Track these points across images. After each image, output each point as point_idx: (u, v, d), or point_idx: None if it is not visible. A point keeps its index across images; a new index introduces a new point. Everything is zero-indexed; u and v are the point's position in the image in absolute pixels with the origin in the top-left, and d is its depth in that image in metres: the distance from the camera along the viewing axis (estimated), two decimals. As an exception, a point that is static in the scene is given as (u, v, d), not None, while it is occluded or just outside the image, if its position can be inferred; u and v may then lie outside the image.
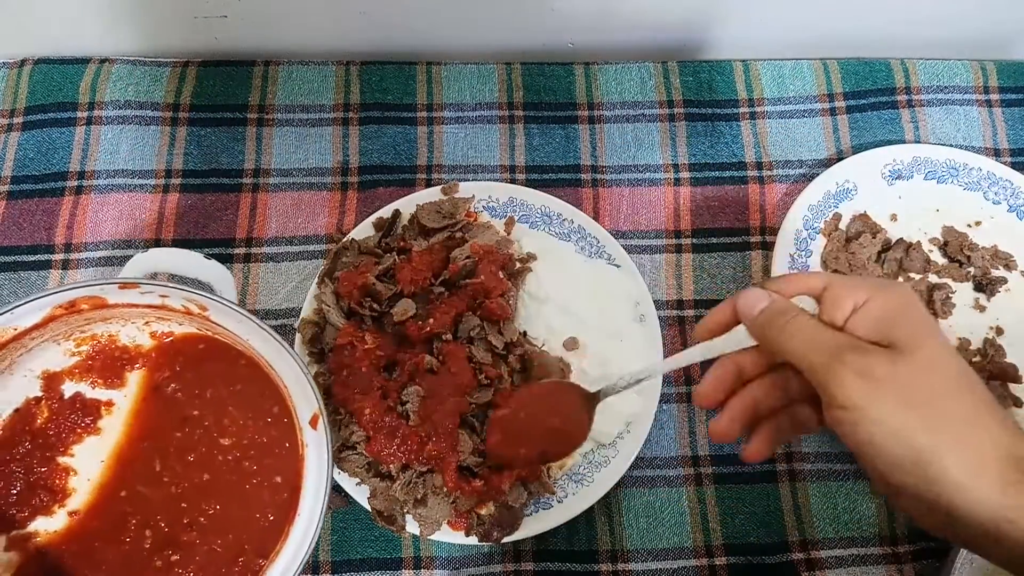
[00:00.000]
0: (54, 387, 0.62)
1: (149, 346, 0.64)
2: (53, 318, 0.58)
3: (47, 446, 0.61)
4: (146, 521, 0.59)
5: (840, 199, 0.77)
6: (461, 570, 0.67)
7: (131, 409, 0.62)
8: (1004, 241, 0.77)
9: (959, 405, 0.39)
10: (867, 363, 0.39)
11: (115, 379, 0.63)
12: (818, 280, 0.45)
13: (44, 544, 0.59)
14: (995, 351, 0.73)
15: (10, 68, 0.81)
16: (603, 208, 0.78)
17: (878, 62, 0.85)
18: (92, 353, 0.63)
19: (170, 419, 0.62)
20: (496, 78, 0.82)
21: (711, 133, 0.81)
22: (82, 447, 0.61)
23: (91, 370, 0.63)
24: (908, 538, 0.68)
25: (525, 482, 0.64)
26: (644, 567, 0.67)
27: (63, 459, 0.61)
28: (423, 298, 0.68)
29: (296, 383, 0.58)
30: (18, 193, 0.76)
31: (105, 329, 0.63)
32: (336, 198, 0.77)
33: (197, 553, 0.59)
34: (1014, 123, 0.83)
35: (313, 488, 0.58)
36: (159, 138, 0.78)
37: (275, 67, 0.81)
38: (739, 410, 0.47)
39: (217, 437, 0.61)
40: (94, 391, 0.63)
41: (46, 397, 0.62)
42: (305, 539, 0.56)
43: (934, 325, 0.42)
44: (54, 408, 0.62)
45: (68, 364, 0.63)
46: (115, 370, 0.63)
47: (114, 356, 0.63)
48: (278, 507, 0.59)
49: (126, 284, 0.57)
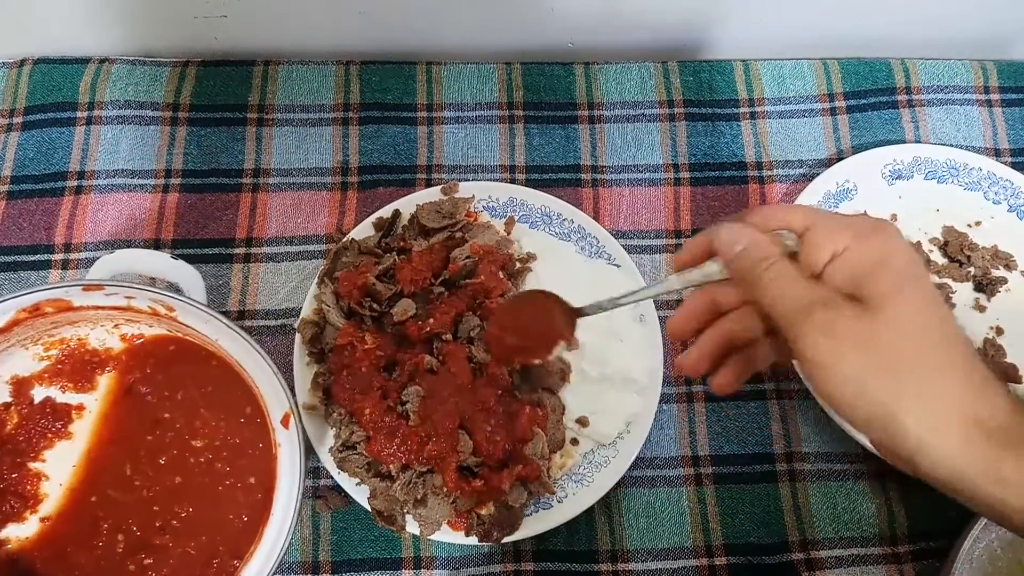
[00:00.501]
0: (23, 392, 0.62)
1: (119, 349, 0.63)
2: (17, 322, 0.58)
3: (17, 452, 0.61)
4: (118, 525, 0.59)
5: (840, 199, 0.77)
6: (461, 570, 0.67)
7: (102, 412, 0.62)
8: (1004, 241, 0.77)
9: (923, 364, 0.38)
10: (833, 320, 0.39)
11: (85, 383, 0.62)
12: (800, 218, 0.43)
13: (16, 551, 0.59)
14: (995, 351, 0.73)
15: (10, 68, 0.81)
16: (603, 208, 0.78)
17: (878, 62, 0.85)
18: (61, 357, 0.63)
19: (141, 422, 0.61)
20: (496, 78, 0.82)
21: (711, 133, 0.81)
22: (53, 452, 0.61)
23: (61, 374, 0.62)
24: (908, 538, 0.68)
25: (525, 482, 0.64)
26: (644, 567, 0.67)
27: (34, 464, 0.61)
28: (423, 298, 0.68)
29: (267, 382, 0.57)
30: (18, 193, 0.76)
31: (74, 333, 0.63)
32: (336, 198, 0.77)
33: (171, 556, 0.58)
34: (1014, 123, 0.83)
35: (286, 488, 0.57)
36: (159, 138, 0.78)
37: (275, 67, 0.81)
38: (710, 344, 0.46)
39: (189, 439, 0.61)
40: (64, 395, 0.62)
41: (15, 402, 0.62)
42: (279, 539, 0.56)
43: (912, 277, 0.40)
44: (24, 413, 0.61)
45: (37, 369, 0.62)
46: (85, 373, 0.62)
47: (84, 359, 0.63)
48: (252, 508, 0.59)
49: (90, 286, 0.56)
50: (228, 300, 0.73)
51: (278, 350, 0.71)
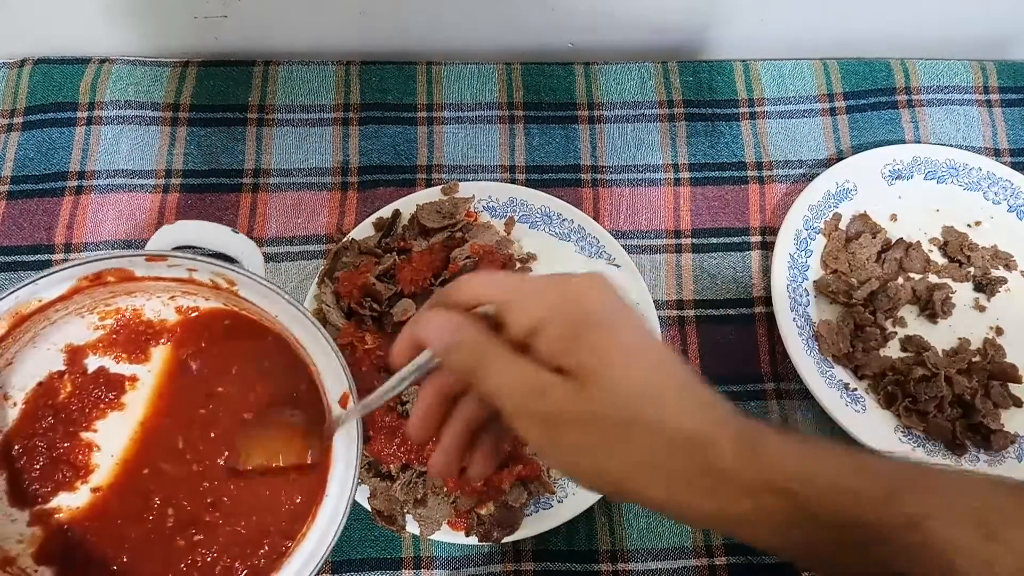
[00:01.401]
0: (77, 361, 0.61)
1: (174, 321, 0.62)
2: (78, 290, 0.57)
3: (70, 421, 0.60)
4: (169, 499, 0.58)
5: (840, 199, 0.77)
6: (461, 570, 0.67)
7: (155, 384, 0.61)
8: (1004, 241, 0.77)
9: (641, 427, 0.38)
10: (545, 408, 0.38)
11: (139, 354, 0.61)
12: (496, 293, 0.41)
13: (66, 520, 0.58)
14: (995, 351, 0.73)
15: (10, 68, 0.81)
16: (603, 208, 0.78)
17: (878, 62, 0.85)
18: (116, 327, 0.62)
19: (195, 395, 0.60)
20: (496, 78, 0.82)
21: (711, 133, 0.81)
22: (105, 423, 0.60)
23: (115, 344, 0.62)
24: (908, 538, 0.68)
25: (525, 482, 0.64)
26: (644, 567, 0.67)
27: (86, 434, 0.60)
28: (423, 298, 0.68)
29: (326, 362, 0.57)
30: (18, 193, 0.76)
31: (130, 303, 0.62)
32: (336, 198, 0.77)
33: (220, 534, 0.57)
34: (1014, 123, 0.83)
35: (342, 469, 0.56)
36: (159, 138, 0.78)
37: (275, 67, 0.81)
38: (452, 440, 0.44)
39: (243, 414, 0.59)
40: (118, 366, 0.61)
41: (69, 371, 0.61)
42: (333, 521, 0.55)
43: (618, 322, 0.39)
44: (77, 382, 0.60)
45: (92, 338, 0.61)
46: (139, 344, 0.62)
47: (139, 330, 0.62)
48: (304, 489, 0.58)
49: (153, 256, 0.56)
50: (228, 300, 0.73)
51: (278, 350, 0.72)
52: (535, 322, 0.39)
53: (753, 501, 0.37)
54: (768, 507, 0.37)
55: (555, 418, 0.38)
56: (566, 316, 0.39)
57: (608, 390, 0.38)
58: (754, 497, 0.37)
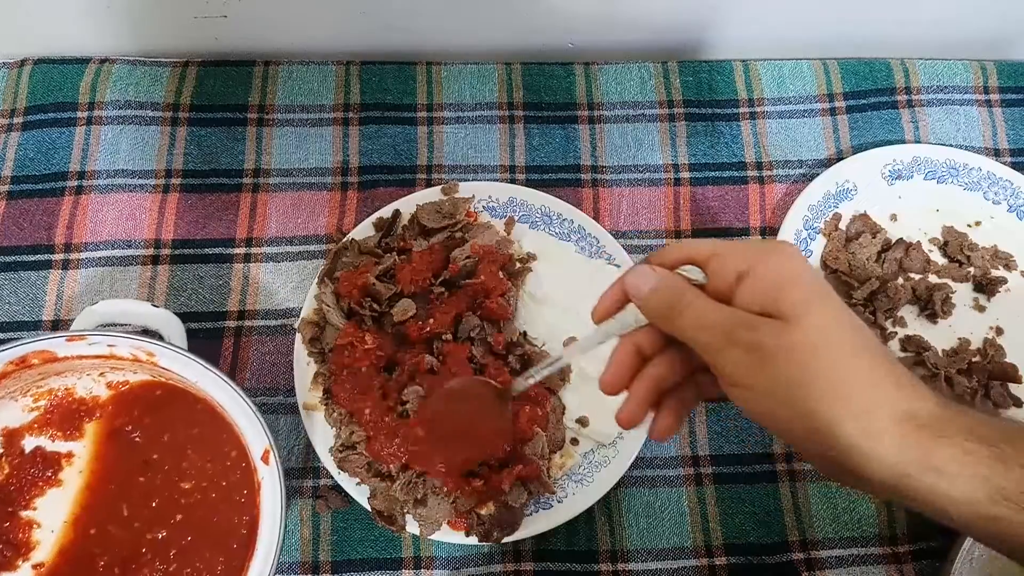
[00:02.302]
0: (14, 443, 0.63)
1: (106, 396, 0.64)
2: (5, 375, 0.59)
3: (9, 501, 0.61)
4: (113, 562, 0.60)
5: (840, 199, 0.77)
6: (461, 570, 0.67)
7: (91, 458, 0.63)
8: (1004, 241, 0.77)
9: (850, 370, 0.38)
10: (755, 338, 0.39)
11: (74, 431, 0.63)
12: (702, 248, 0.44)
13: None
14: (995, 351, 0.73)
15: (10, 68, 0.81)
16: (603, 208, 0.78)
17: (878, 62, 0.85)
18: (50, 407, 0.64)
19: (131, 464, 0.62)
20: (496, 78, 0.82)
21: (711, 133, 0.81)
22: (44, 500, 0.62)
23: (50, 423, 0.63)
24: (908, 538, 0.68)
25: (525, 482, 0.64)
26: (644, 567, 0.67)
27: (25, 513, 0.61)
28: (423, 298, 0.68)
29: (247, 421, 0.58)
30: (18, 193, 0.76)
31: (61, 383, 0.64)
32: (336, 198, 0.77)
33: None
34: (1014, 123, 0.83)
35: (268, 523, 0.57)
36: (159, 138, 0.78)
37: (275, 67, 0.81)
38: (642, 393, 0.46)
39: (178, 481, 0.61)
40: (54, 444, 0.63)
41: (6, 453, 0.62)
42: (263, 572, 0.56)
43: (821, 286, 0.41)
44: (15, 464, 0.62)
45: (27, 420, 0.63)
46: (73, 422, 0.64)
47: (71, 408, 0.64)
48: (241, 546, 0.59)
49: (73, 336, 0.58)
50: (228, 300, 0.73)
51: (278, 350, 0.72)
52: (743, 269, 0.41)
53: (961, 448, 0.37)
54: (974, 453, 0.37)
55: (763, 347, 0.39)
56: (771, 266, 0.41)
57: (815, 332, 0.39)
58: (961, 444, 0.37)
